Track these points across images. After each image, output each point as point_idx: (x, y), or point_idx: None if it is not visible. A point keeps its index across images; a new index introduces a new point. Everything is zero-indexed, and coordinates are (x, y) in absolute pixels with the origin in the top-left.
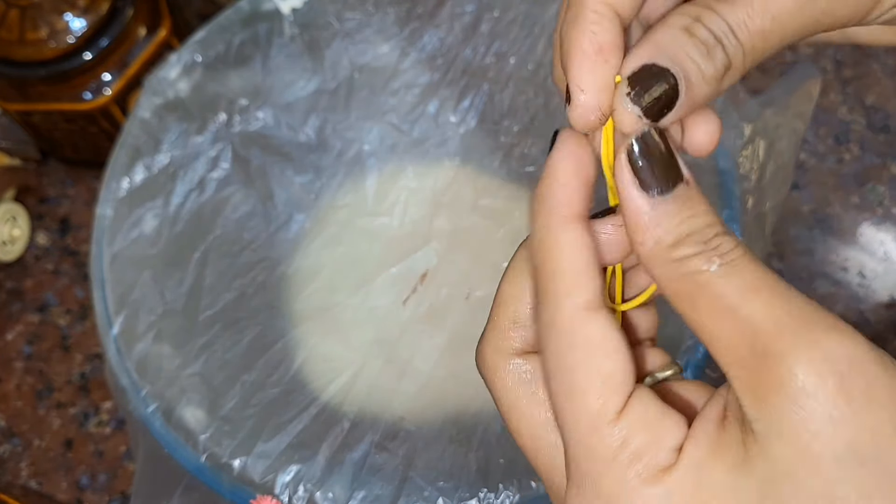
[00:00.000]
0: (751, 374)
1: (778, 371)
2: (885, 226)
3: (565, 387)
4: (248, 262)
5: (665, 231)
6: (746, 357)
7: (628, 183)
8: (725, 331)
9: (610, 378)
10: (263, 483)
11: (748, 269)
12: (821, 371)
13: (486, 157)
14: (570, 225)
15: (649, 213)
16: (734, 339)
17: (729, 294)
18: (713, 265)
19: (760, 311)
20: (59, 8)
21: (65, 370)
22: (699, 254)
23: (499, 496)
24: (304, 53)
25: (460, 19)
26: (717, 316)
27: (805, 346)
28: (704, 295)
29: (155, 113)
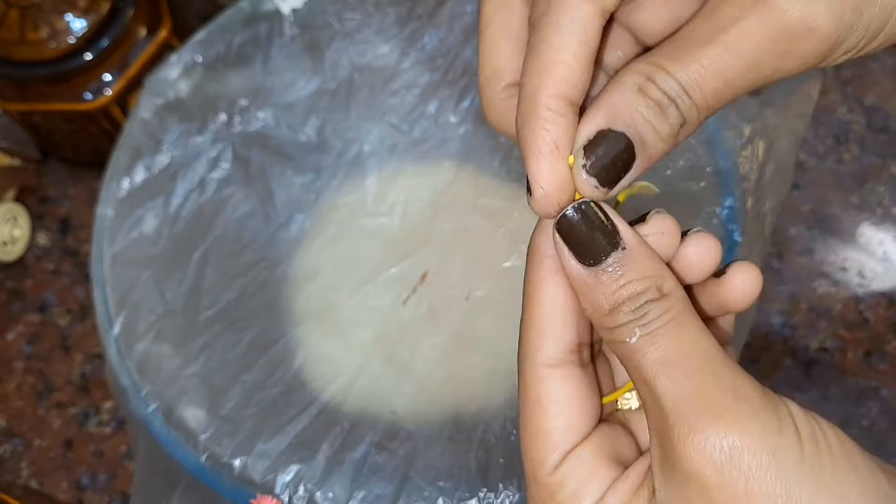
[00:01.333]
0: (660, 447)
1: (673, 452)
2: (884, 226)
3: (524, 431)
4: (248, 262)
5: (603, 298)
6: (659, 429)
7: (565, 256)
8: (647, 401)
9: (554, 436)
10: (264, 483)
11: (666, 340)
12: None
13: (486, 157)
14: (552, 278)
15: (587, 283)
16: (652, 410)
17: (644, 367)
18: (634, 337)
19: (666, 390)
20: (59, 8)
21: (65, 370)
22: (627, 323)
23: (499, 496)
24: (304, 54)
25: (460, 19)
26: (639, 386)
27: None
28: (629, 364)
29: (155, 113)
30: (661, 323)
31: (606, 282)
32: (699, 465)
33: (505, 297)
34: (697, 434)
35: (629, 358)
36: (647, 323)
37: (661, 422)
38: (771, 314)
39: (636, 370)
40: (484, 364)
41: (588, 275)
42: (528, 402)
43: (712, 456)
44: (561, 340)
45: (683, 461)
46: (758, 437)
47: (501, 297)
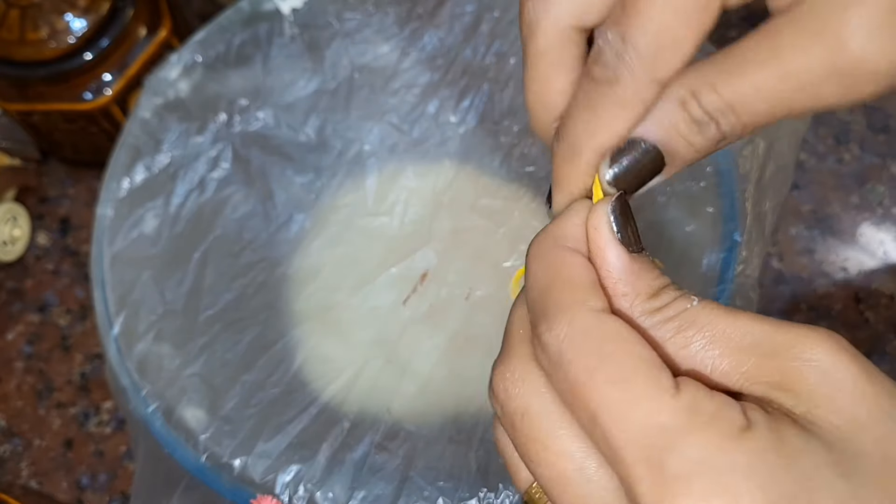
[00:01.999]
0: (771, 373)
1: (799, 356)
2: (884, 226)
3: (611, 380)
4: (248, 262)
5: (645, 283)
6: (758, 362)
7: (610, 238)
8: (726, 351)
9: (654, 360)
10: (264, 483)
11: (719, 304)
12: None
13: (486, 157)
14: (577, 253)
15: (631, 266)
16: (737, 355)
17: (717, 318)
18: (693, 301)
19: (753, 322)
20: (59, 8)
21: (65, 370)
22: (677, 298)
23: (499, 496)
24: (304, 53)
25: (460, 19)
26: (712, 340)
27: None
28: (694, 324)
29: (155, 113)
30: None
31: (649, 267)
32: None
33: (505, 297)
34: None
35: (692, 320)
36: (694, 295)
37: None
38: (771, 314)
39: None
40: (484, 364)
41: (633, 259)
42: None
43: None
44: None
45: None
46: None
47: (501, 297)
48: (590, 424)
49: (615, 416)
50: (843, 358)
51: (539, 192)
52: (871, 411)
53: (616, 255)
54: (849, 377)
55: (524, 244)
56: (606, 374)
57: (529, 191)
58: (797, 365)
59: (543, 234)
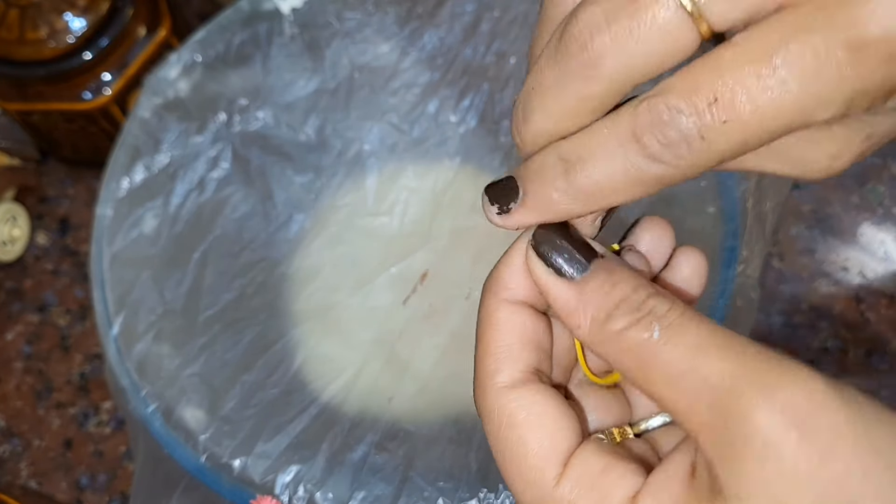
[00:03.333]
0: (717, 436)
1: (741, 429)
2: (885, 226)
3: (505, 464)
4: (248, 262)
5: (596, 308)
6: (709, 419)
7: (543, 273)
8: (683, 397)
9: (539, 449)
10: (263, 483)
11: (690, 328)
12: (781, 423)
13: (486, 157)
14: (508, 306)
15: (574, 296)
16: (693, 404)
17: (677, 359)
18: (654, 331)
19: (713, 370)
20: (58, 8)
21: (64, 370)
22: (636, 322)
23: (499, 496)
24: (304, 53)
25: (460, 19)
26: (671, 383)
27: (763, 398)
28: (653, 364)
29: (155, 113)
30: (676, 314)
31: (595, 288)
32: (777, 432)
33: None
34: (770, 400)
35: (651, 358)
36: (662, 316)
37: (713, 407)
38: (772, 314)
39: (665, 367)
40: None
41: (573, 287)
42: (500, 428)
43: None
44: (518, 362)
45: (759, 435)
46: (829, 382)
47: None
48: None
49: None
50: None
51: None
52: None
53: (555, 293)
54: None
55: None
56: (503, 459)
57: None
58: (739, 441)
59: (487, 279)
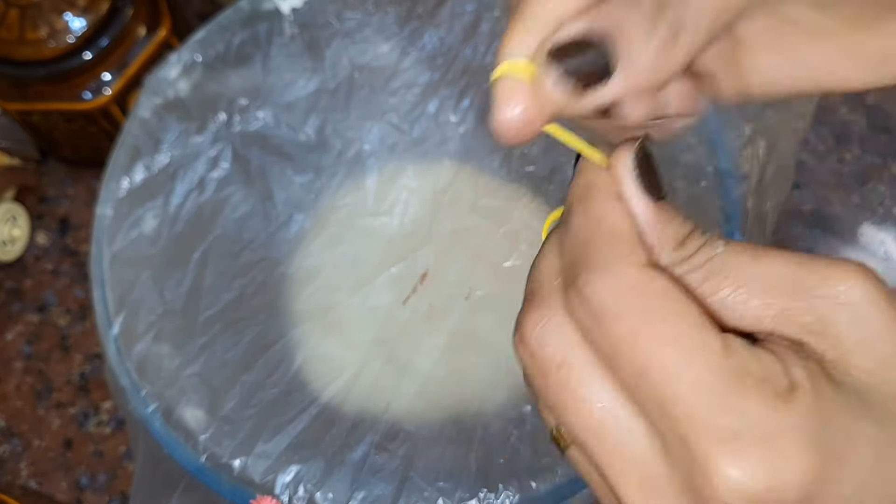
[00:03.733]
0: (801, 315)
1: (827, 295)
2: (885, 226)
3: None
4: (248, 262)
5: (672, 231)
6: (788, 304)
7: (634, 187)
8: (756, 294)
9: (703, 319)
10: (263, 483)
11: (746, 244)
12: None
13: (486, 157)
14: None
15: (656, 216)
16: (767, 298)
17: (744, 260)
18: (718, 248)
19: (781, 261)
20: (58, 7)
21: (64, 370)
22: (704, 245)
23: (499, 496)
24: (304, 53)
25: (460, 19)
26: (740, 285)
27: (838, 269)
28: (722, 270)
29: (155, 113)
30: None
31: (675, 213)
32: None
33: (505, 297)
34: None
35: (720, 265)
36: (722, 240)
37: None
38: None
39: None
40: (484, 364)
41: (658, 208)
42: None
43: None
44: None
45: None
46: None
47: (501, 297)
48: (635, 381)
49: (665, 376)
50: (873, 294)
51: (539, 192)
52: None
53: (640, 206)
54: (878, 314)
55: (524, 244)
56: (655, 332)
57: (529, 191)
58: (827, 306)
59: (584, 181)
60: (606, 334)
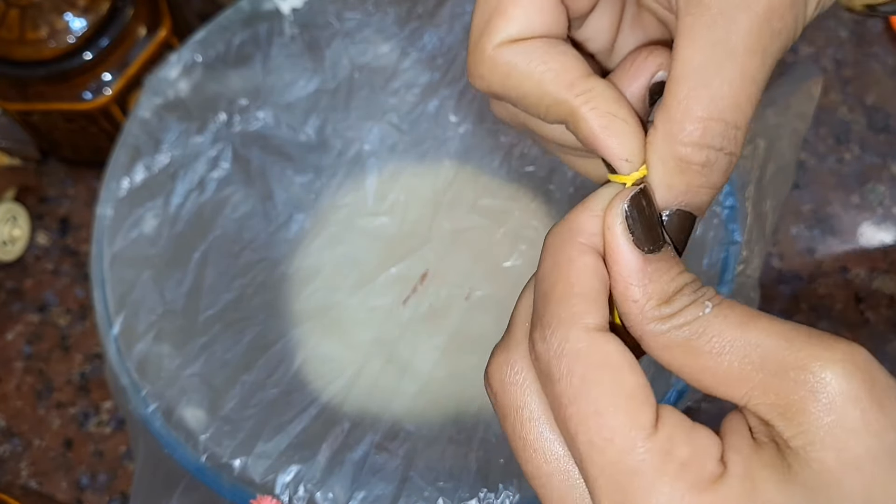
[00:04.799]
0: (775, 395)
1: (805, 381)
2: (885, 226)
3: (590, 408)
4: (248, 262)
5: (659, 287)
6: (764, 380)
7: (622, 239)
8: (733, 364)
9: (638, 393)
10: (264, 483)
11: (737, 306)
12: (847, 374)
13: (486, 157)
14: (591, 251)
15: (644, 269)
16: (745, 369)
17: (729, 328)
18: (706, 308)
19: (767, 333)
20: (59, 8)
21: (65, 370)
22: (692, 303)
23: (499, 496)
24: (304, 53)
25: (460, 19)
26: (720, 352)
27: (825, 353)
28: (703, 336)
29: (155, 113)
30: (723, 298)
31: (662, 269)
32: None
33: (505, 297)
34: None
35: (702, 331)
36: (712, 297)
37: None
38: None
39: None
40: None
41: (645, 262)
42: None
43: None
44: (603, 308)
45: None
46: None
47: (501, 297)
48: (569, 444)
49: (590, 447)
50: (854, 385)
51: (539, 192)
52: (870, 449)
53: (627, 259)
54: (854, 412)
55: (524, 244)
56: (588, 402)
57: (529, 191)
58: (802, 392)
59: (560, 224)
60: (550, 392)
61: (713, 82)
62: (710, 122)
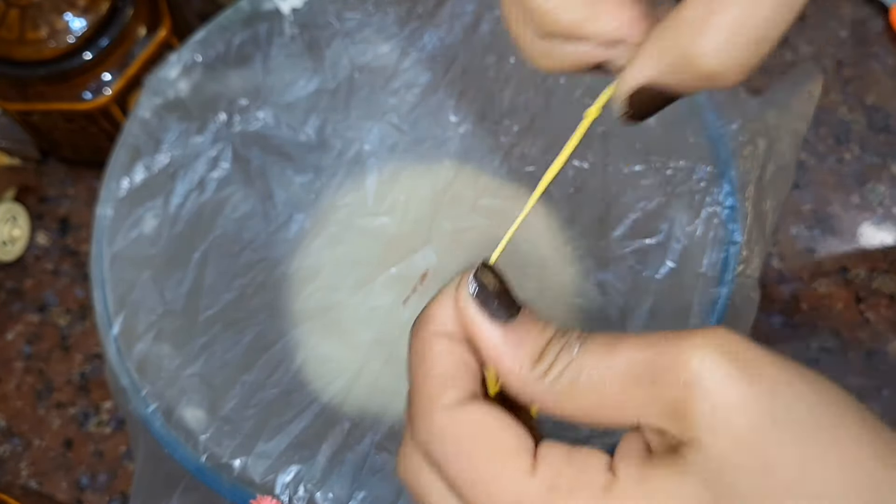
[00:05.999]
0: (660, 402)
1: (677, 378)
2: (885, 226)
3: (473, 477)
4: (248, 262)
5: (528, 350)
6: (645, 392)
7: (478, 317)
8: (615, 388)
9: (508, 444)
10: (264, 483)
11: (599, 336)
12: (712, 356)
13: (486, 157)
14: (443, 337)
15: (507, 339)
16: (627, 389)
17: (598, 357)
18: (574, 350)
19: (633, 349)
20: (59, 8)
21: (65, 370)
22: (561, 350)
23: None
24: (304, 53)
25: (460, 19)
26: (600, 382)
27: (686, 344)
28: (582, 374)
29: (155, 113)
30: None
31: (527, 329)
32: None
33: None
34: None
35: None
36: (577, 336)
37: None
38: (772, 314)
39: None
40: None
41: (507, 331)
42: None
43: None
44: (461, 386)
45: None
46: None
47: None
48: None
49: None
50: (721, 365)
51: None
52: (750, 419)
53: (489, 335)
54: (728, 388)
55: (524, 244)
56: (470, 472)
57: (529, 191)
58: (678, 389)
59: (417, 318)
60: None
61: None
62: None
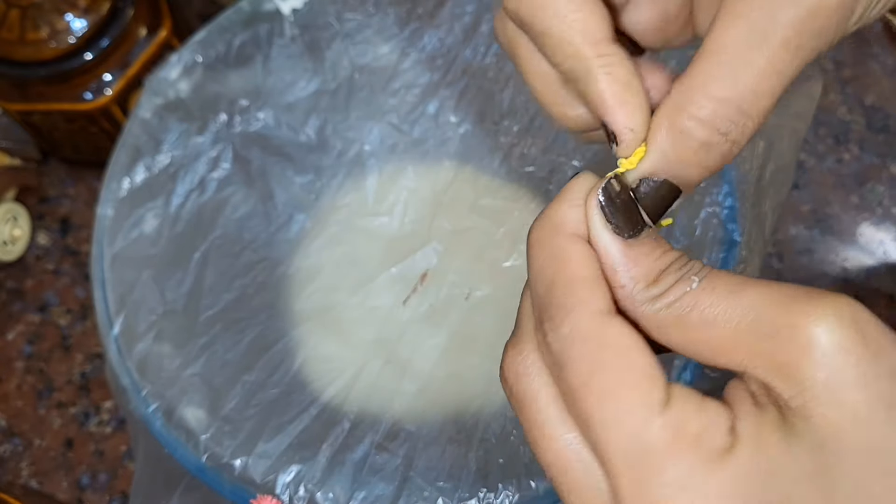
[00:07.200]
0: (771, 357)
1: (798, 340)
2: (884, 226)
3: (601, 390)
4: (249, 262)
5: (644, 270)
6: (758, 344)
7: (601, 228)
8: (727, 332)
9: (648, 371)
10: (264, 483)
11: (726, 275)
12: (837, 327)
13: (486, 157)
14: (581, 241)
15: (627, 255)
16: (739, 336)
17: (719, 298)
18: (693, 283)
19: (756, 298)
20: (59, 8)
21: (65, 370)
22: (679, 280)
23: (498, 496)
24: (304, 54)
25: (460, 19)
26: (713, 322)
27: (813, 308)
28: (695, 310)
29: (155, 113)
30: (710, 269)
31: (647, 252)
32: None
33: (505, 297)
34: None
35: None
36: (698, 271)
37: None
38: None
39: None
40: (484, 364)
41: (627, 247)
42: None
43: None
44: (606, 293)
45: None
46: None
47: (501, 297)
48: (583, 428)
49: (604, 427)
50: (848, 336)
51: (539, 192)
52: (868, 399)
53: (609, 247)
54: (850, 361)
55: (524, 244)
56: (600, 383)
57: (529, 191)
58: (795, 351)
59: (544, 219)
60: (563, 380)
61: (738, 65)
62: (722, 103)
